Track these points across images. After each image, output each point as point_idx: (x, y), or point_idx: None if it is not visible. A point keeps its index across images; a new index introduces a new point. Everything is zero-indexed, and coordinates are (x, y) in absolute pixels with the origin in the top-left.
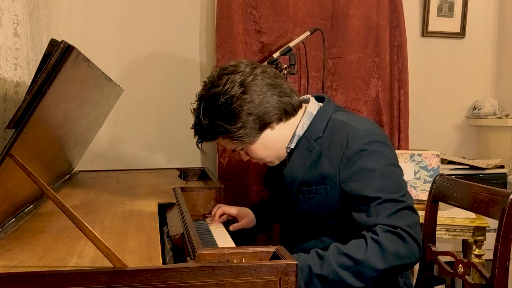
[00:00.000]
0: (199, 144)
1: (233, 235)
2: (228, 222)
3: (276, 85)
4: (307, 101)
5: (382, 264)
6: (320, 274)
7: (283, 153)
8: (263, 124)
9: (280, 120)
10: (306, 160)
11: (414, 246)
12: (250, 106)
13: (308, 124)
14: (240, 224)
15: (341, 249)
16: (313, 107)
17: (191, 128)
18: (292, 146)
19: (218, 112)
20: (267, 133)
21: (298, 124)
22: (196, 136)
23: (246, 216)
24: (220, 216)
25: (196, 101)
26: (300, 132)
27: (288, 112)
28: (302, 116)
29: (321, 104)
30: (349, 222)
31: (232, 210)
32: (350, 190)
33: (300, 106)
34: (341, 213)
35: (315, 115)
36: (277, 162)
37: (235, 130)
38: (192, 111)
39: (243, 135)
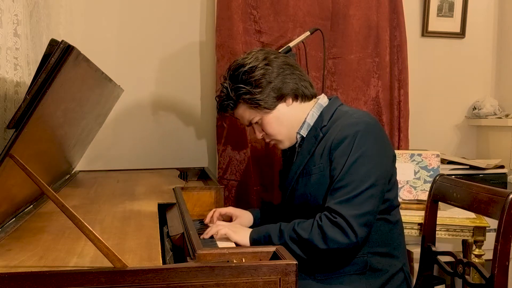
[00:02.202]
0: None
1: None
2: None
3: (296, 68)
4: (319, 97)
5: (323, 245)
6: (276, 244)
7: (294, 136)
8: (281, 95)
9: (295, 98)
10: (312, 147)
11: (352, 235)
12: (271, 76)
13: (318, 114)
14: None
15: (295, 225)
16: (324, 100)
17: (215, 98)
18: (303, 134)
19: (242, 78)
20: (283, 107)
21: (309, 112)
22: (218, 107)
23: (240, 215)
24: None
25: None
26: (310, 121)
27: (304, 94)
28: (314, 106)
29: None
30: None
31: (226, 209)
32: (332, 168)
33: (314, 96)
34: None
35: (324, 107)
36: (287, 144)
37: (256, 93)
38: (221, 82)
39: (261, 100)
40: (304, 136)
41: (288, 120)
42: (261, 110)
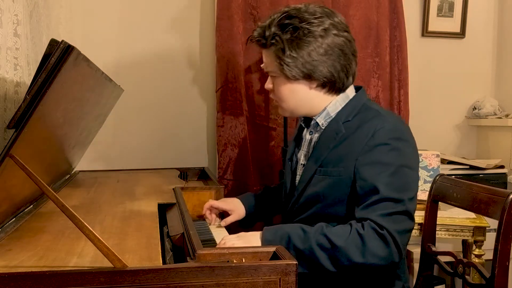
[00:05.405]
0: (248, 41)
1: (233, 234)
2: (222, 217)
3: (346, 58)
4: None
5: (359, 258)
6: (298, 247)
7: (297, 113)
8: (308, 75)
9: (322, 86)
10: (331, 142)
11: (395, 252)
12: (315, 50)
13: (343, 105)
14: (232, 218)
15: (324, 230)
16: (351, 91)
17: (253, 31)
18: (319, 122)
19: (289, 31)
20: (303, 85)
21: (332, 101)
22: (253, 37)
23: (235, 209)
24: (209, 210)
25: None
26: (331, 110)
27: (335, 87)
28: (339, 95)
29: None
30: (349, 213)
31: (220, 203)
32: (360, 177)
33: (343, 91)
34: (346, 201)
35: (351, 99)
36: (287, 114)
37: (288, 56)
38: (270, 15)
39: (287, 64)
40: (320, 124)
41: (300, 99)
42: (282, 72)
